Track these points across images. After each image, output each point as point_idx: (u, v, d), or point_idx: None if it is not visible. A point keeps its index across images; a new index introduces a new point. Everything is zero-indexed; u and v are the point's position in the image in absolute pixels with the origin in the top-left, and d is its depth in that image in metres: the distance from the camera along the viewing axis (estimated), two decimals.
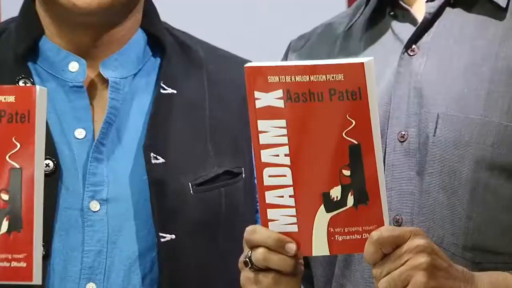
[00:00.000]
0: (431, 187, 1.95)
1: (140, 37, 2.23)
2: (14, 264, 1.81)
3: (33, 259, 1.83)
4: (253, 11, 2.62)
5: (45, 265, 2.03)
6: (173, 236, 2.12)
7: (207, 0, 3.00)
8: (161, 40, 2.23)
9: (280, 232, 1.81)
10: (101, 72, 2.15)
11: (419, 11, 2.02)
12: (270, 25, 2.57)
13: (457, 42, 2.00)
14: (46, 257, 2.05)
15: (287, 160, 1.79)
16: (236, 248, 1.96)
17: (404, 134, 1.96)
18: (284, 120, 1.80)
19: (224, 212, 2.19)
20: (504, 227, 1.93)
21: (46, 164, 2.04)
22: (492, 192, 1.92)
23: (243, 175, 2.22)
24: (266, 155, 1.80)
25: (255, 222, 2.11)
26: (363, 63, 1.75)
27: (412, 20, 2.02)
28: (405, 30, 2.02)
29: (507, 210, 1.92)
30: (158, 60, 2.24)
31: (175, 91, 2.21)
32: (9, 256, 1.80)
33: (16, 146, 1.80)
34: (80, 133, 2.14)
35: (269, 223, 1.81)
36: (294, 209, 1.81)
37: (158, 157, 2.15)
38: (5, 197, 1.80)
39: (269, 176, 1.81)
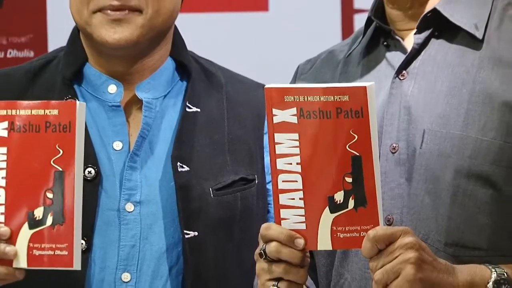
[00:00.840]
0: (417, 192, 2.01)
1: (169, 64, 2.30)
2: (57, 252, 1.88)
3: (74, 249, 1.89)
4: (264, 43, 2.65)
5: (86, 257, 2.11)
6: (196, 233, 2.19)
7: (223, 38, 2.89)
8: (188, 67, 2.30)
9: (290, 229, 1.88)
10: (136, 94, 2.24)
11: (408, 41, 2.10)
12: (277, 53, 2.59)
13: (441, 68, 2.07)
14: (88, 250, 2.12)
15: (298, 168, 1.86)
16: (250, 243, 2.06)
17: (395, 146, 2.03)
18: (297, 134, 1.86)
19: (239, 212, 2.24)
20: (480, 226, 1.99)
21: (88, 171, 2.14)
22: (469, 196, 1.99)
23: (256, 181, 2.27)
24: (280, 163, 1.87)
25: (266, 221, 2.16)
26: (365, 86, 1.83)
27: (403, 49, 2.09)
28: (396, 58, 2.10)
29: (483, 211, 1.98)
30: (185, 83, 2.31)
31: (198, 110, 2.28)
32: (53, 246, 1.87)
33: (59, 152, 1.87)
34: (117, 145, 2.21)
35: (282, 221, 1.87)
36: (303, 209, 1.87)
37: (184, 166, 2.22)
38: (50, 195, 1.88)
39: (283, 181, 1.87)
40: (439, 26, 2.08)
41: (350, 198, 1.85)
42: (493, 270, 1.92)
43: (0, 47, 3.17)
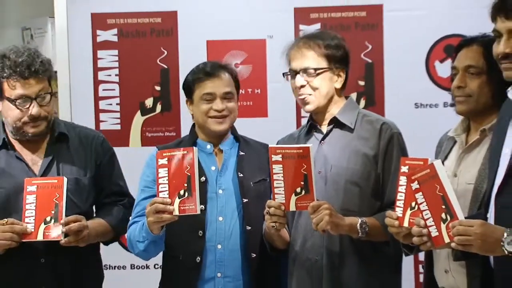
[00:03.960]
0: (329, 189, 2.31)
1: (231, 136, 2.51)
2: (190, 207, 2.19)
3: (197, 205, 2.18)
4: (265, 139, 2.60)
5: (205, 212, 2.35)
6: (247, 200, 2.41)
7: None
8: (238, 138, 2.51)
9: (279, 202, 2.20)
10: (220, 147, 2.47)
11: (324, 129, 2.39)
12: (269, 135, 2.62)
13: (337, 140, 2.35)
14: (205, 209, 2.35)
15: (282, 179, 2.20)
16: (264, 204, 2.27)
17: (320, 171, 2.31)
18: (281, 165, 2.19)
19: (262, 192, 2.41)
20: (354, 203, 2.30)
21: (202, 178, 2.33)
22: (350, 191, 2.31)
23: (267, 180, 2.38)
24: (275, 179, 2.20)
25: (270, 198, 2.30)
26: (309, 147, 2.17)
27: (322, 132, 2.38)
28: (319, 136, 2.38)
29: (355, 197, 2.30)
30: (238, 144, 2.50)
31: (244, 153, 2.48)
32: (189, 205, 2.18)
33: (187, 168, 2.19)
34: (213, 168, 2.44)
35: (275, 199, 2.21)
36: (284, 195, 2.21)
37: (241, 174, 2.43)
38: (185, 185, 2.18)
39: (275, 185, 2.21)
40: (337, 123, 2.36)
41: (303, 191, 2.17)
42: (359, 218, 2.23)
43: (160, 131, 3.36)
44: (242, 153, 2.45)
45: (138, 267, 3.27)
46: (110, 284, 2.66)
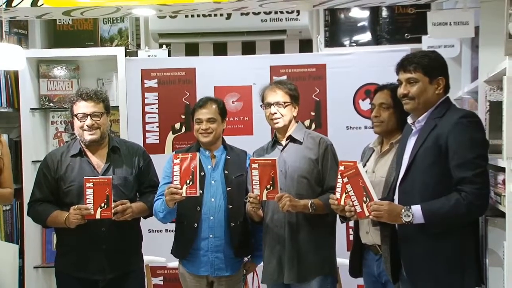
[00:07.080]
0: (288, 182, 2.18)
1: (221, 146, 2.34)
2: (193, 191, 2.08)
3: (197, 191, 2.07)
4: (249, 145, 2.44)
5: (202, 195, 2.22)
6: (230, 188, 2.25)
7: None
8: (226, 147, 2.33)
9: (255, 194, 2.10)
10: (214, 153, 2.30)
11: (283, 143, 2.25)
12: (253, 146, 2.41)
13: (293, 150, 2.22)
14: (202, 194, 2.22)
15: (258, 180, 2.10)
16: (243, 192, 2.22)
17: (281, 170, 2.17)
18: (258, 170, 2.08)
19: (242, 183, 2.28)
20: (305, 190, 2.17)
21: (201, 173, 2.18)
22: (301, 183, 2.17)
23: (244, 175, 2.28)
24: (253, 179, 2.09)
25: (247, 186, 2.23)
26: (275, 159, 2.07)
27: (282, 145, 2.25)
28: (280, 147, 2.24)
29: (305, 186, 2.18)
30: (226, 151, 2.33)
31: (230, 157, 2.29)
32: (191, 190, 2.06)
33: (192, 166, 2.06)
34: (209, 166, 2.29)
35: (253, 192, 2.11)
36: (259, 189, 2.10)
37: (226, 171, 2.27)
38: (190, 177, 2.06)
39: (253, 183, 2.10)
40: (292, 139, 2.23)
41: (271, 187, 2.08)
42: (310, 200, 2.11)
43: (184, 144, 3.03)
44: (228, 157, 2.29)
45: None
46: (148, 242, 2.52)
